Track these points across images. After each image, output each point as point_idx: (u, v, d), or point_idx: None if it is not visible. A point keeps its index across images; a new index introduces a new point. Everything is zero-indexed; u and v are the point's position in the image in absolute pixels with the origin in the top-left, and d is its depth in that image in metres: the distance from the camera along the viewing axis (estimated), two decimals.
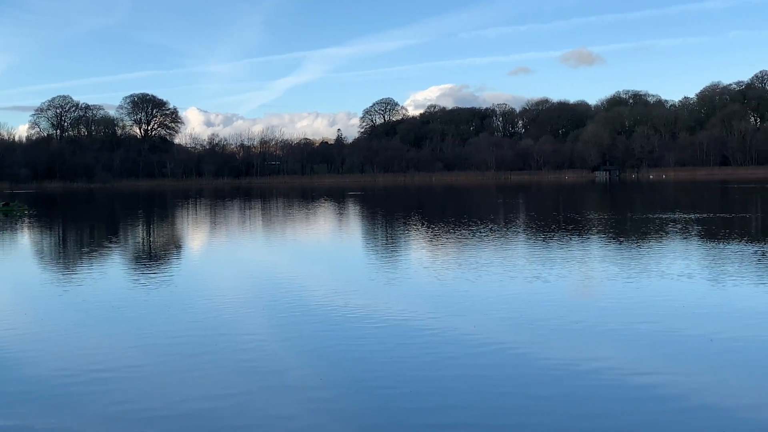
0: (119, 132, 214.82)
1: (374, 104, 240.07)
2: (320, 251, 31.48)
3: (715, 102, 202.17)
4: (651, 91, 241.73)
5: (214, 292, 20.16)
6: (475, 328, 14.53)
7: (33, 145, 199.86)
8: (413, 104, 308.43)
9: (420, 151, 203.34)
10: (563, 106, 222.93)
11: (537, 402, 10.21)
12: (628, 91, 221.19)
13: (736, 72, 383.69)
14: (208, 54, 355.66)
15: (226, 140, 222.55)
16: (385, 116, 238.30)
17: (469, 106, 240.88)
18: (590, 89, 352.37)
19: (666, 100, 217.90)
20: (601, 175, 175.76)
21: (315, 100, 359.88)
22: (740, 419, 9.49)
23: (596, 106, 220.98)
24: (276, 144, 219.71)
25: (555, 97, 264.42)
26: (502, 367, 11.90)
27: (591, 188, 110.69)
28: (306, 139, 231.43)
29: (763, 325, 14.44)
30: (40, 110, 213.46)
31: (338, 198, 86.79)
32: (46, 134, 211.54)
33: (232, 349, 13.28)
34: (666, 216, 43.63)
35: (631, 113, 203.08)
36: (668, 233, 32.94)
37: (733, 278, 19.93)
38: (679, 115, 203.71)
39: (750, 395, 10.34)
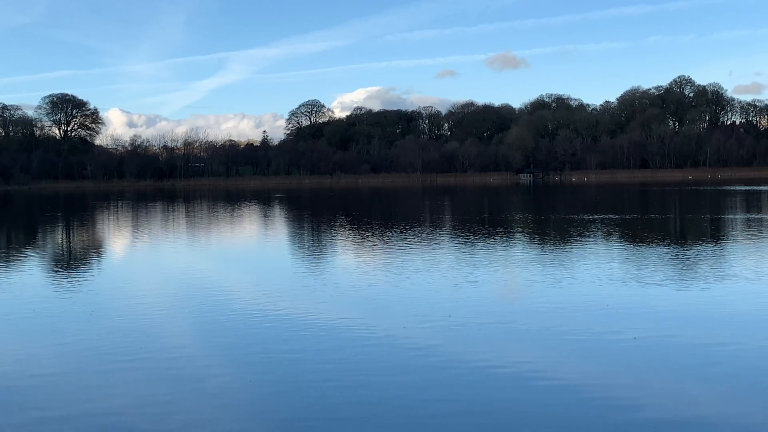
0: (38, 133, 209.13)
1: (300, 106, 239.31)
2: (245, 255, 31.14)
3: (635, 106, 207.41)
4: (573, 95, 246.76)
5: (136, 297, 19.70)
6: (405, 329, 14.51)
7: None
8: (340, 106, 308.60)
9: (346, 154, 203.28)
10: (488, 109, 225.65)
11: (462, 405, 10.21)
12: (552, 94, 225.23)
13: (655, 77, 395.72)
14: (130, 53, 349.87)
15: (148, 141, 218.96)
16: (312, 118, 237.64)
17: (395, 109, 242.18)
18: (515, 93, 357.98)
19: (588, 104, 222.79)
20: (525, 178, 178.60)
21: (240, 102, 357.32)
22: (660, 418, 9.63)
23: (520, 110, 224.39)
24: (200, 145, 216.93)
25: (480, 100, 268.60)
26: (427, 370, 11.88)
27: (515, 190, 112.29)
28: (231, 140, 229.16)
29: (683, 324, 14.75)
30: None
31: (264, 200, 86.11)
32: None
33: (154, 355, 12.98)
34: (588, 217, 44.45)
35: (554, 117, 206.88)
36: (590, 234, 33.54)
37: (653, 278, 20.34)
38: (601, 119, 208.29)
39: (670, 395, 10.52)
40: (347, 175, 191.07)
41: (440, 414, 9.87)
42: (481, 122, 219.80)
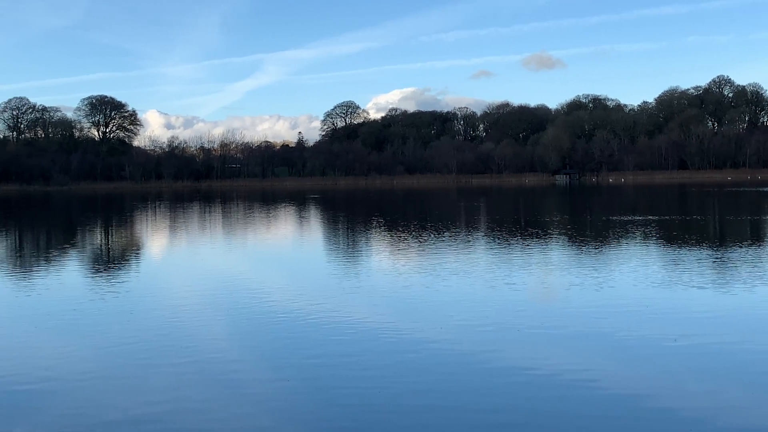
0: (77, 134, 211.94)
1: (335, 107, 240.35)
2: (281, 256, 31.25)
3: (674, 106, 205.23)
4: (611, 96, 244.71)
5: (174, 297, 19.88)
6: (441, 329, 14.46)
7: None
8: (375, 107, 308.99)
9: (381, 155, 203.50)
10: (524, 110, 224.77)
11: (496, 409, 10.14)
12: (588, 95, 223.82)
13: (693, 77, 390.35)
14: (167, 56, 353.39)
15: (185, 143, 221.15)
16: (347, 119, 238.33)
17: (430, 110, 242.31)
18: (551, 93, 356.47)
19: (625, 105, 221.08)
20: (562, 179, 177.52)
21: (276, 103, 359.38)
22: (698, 422, 9.49)
23: (557, 110, 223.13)
24: (236, 147, 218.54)
25: (516, 100, 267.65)
26: (465, 373, 11.82)
27: (551, 192, 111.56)
28: (267, 141, 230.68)
29: (724, 327, 14.53)
30: None
31: (299, 201, 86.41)
32: (1, 136, 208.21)
33: (190, 356, 13.04)
34: (626, 219, 44.01)
35: (591, 117, 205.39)
36: (628, 236, 33.20)
37: (694, 281, 20.06)
38: (638, 119, 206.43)
39: (710, 398, 10.36)
40: (382, 176, 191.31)
41: (471, 416, 9.80)
42: (516, 123, 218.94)
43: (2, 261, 29.58)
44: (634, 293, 18.53)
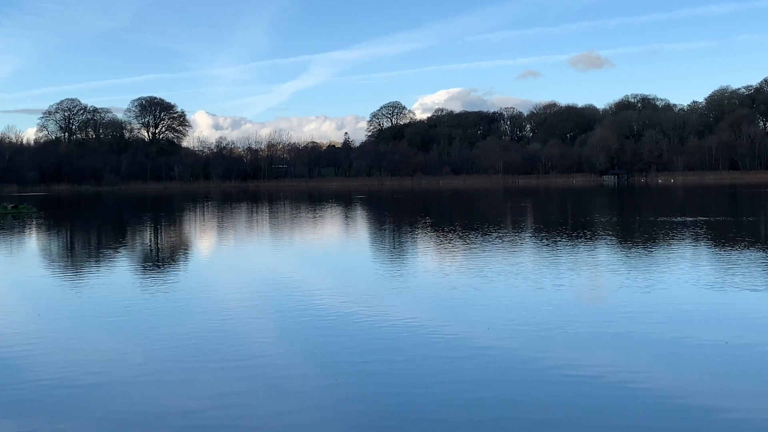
0: (127, 135, 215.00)
1: (381, 108, 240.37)
2: (327, 256, 31.40)
3: (724, 106, 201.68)
4: (660, 95, 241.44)
5: (222, 296, 20.12)
6: (488, 330, 14.43)
7: (41, 148, 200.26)
8: (421, 108, 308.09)
9: (427, 155, 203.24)
10: (571, 110, 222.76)
11: (544, 410, 10.10)
12: (637, 95, 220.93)
13: (744, 76, 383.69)
14: (215, 57, 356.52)
15: (233, 143, 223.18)
16: (393, 120, 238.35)
17: (476, 110, 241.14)
18: (598, 93, 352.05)
19: (675, 104, 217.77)
20: (610, 180, 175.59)
21: (322, 104, 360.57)
22: (748, 425, 9.35)
23: (604, 110, 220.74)
24: (283, 147, 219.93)
25: (563, 100, 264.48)
26: (512, 373, 11.79)
27: (599, 192, 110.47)
28: (313, 142, 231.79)
29: None
30: (48, 113, 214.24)
31: (345, 201, 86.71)
32: (54, 137, 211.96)
33: (238, 355, 13.18)
34: (675, 220, 43.42)
35: (639, 117, 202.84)
36: (678, 237, 32.76)
37: (745, 283, 19.73)
38: (688, 119, 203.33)
39: (760, 402, 10.20)
40: (428, 177, 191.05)
41: (517, 415, 9.77)
42: (563, 123, 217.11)
43: (55, 260, 30.19)
44: (685, 295, 18.29)
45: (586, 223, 44.62)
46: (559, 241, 32.23)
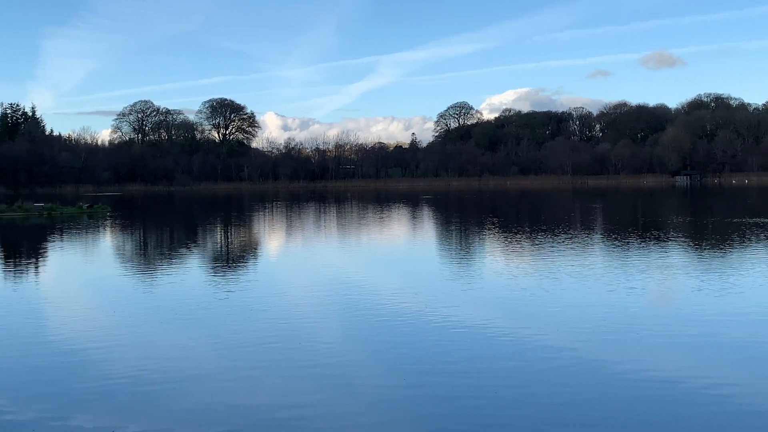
0: (198, 136, 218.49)
1: (449, 108, 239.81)
2: (394, 256, 31.44)
3: None
4: (734, 94, 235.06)
5: (291, 296, 20.30)
6: (558, 332, 14.28)
7: (115, 149, 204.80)
8: (489, 108, 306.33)
9: (495, 155, 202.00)
10: (642, 110, 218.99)
11: (613, 413, 9.94)
12: (710, 94, 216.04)
13: None
14: (284, 59, 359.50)
15: (301, 144, 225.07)
16: (460, 120, 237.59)
17: (545, 110, 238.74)
18: (670, 92, 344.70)
19: (749, 104, 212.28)
20: (682, 180, 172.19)
21: (390, 104, 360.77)
22: None
23: (677, 110, 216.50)
24: (351, 148, 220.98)
25: (634, 100, 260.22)
26: (582, 376, 11.63)
27: (671, 193, 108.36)
28: (380, 143, 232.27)
29: None
30: (122, 115, 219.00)
31: (412, 202, 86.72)
32: (127, 138, 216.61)
33: (306, 354, 13.28)
34: (750, 221, 42.32)
35: (713, 117, 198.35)
36: (753, 239, 31.92)
37: None
38: (763, 118, 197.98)
39: None
40: (495, 177, 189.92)
41: (584, 420, 9.63)
42: (634, 123, 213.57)
43: (129, 259, 30.87)
44: (761, 298, 17.82)
45: (657, 224, 43.78)
46: (631, 242, 31.69)
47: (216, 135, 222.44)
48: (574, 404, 10.32)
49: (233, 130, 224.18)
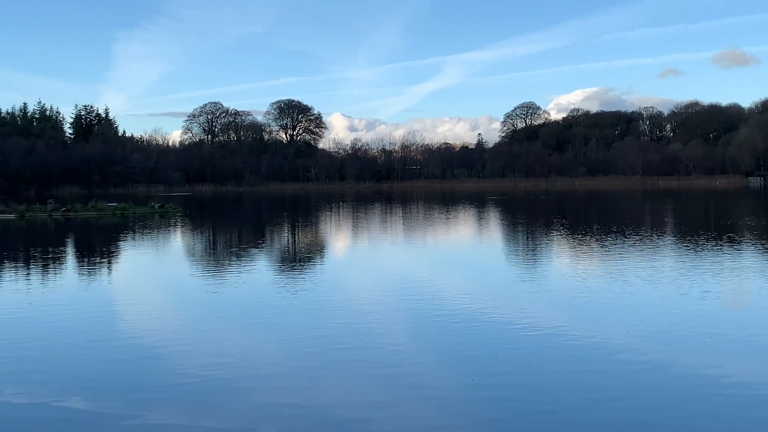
0: (266, 137, 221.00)
1: (515, 108, 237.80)
2: (460, 257, 31.35)
3: None
4: None
5: (358, 296, 20.40)
6: (628, 334, 14.07)
7: (186, 149, 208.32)
8: (556, 108, 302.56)
9: (562, 156, 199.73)
10: (714, 109, 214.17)
11: (686, 416, 9.76)
12: None
13: None
14: (350, 60, 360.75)
15: (368, 145, 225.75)
16: (527, 120, 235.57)
17: (614, 110, 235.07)
18: (744, 91, 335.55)
19: None
20: (756, 181, 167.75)
21: (456, 105, 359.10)
22: None
23: (750, 109, 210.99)
24: (417, 148, 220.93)
25: (706, 99, 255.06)
26: (652, 380, 11.44)
27: (744, 194, 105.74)
28: (446, 143, 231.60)
29: None
30: (192, 116, 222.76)
31: (478, 203, 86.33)
32: (197, 139, 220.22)
33: (372, 354, 13.33)
34: None
35: None
36: None
37: None
38: None
39: None
40: (563, 178, 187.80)
41: (653, 423, 9.46)
42: (706, 123, 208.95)
43: (199, 258, 31.40)
44: None
45: (731, 226, 42.79)
46: (703, 245, 31.03)
47: (284, 136, 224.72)
48: (646, 409, 10.15)
49: (300, 131, 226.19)
